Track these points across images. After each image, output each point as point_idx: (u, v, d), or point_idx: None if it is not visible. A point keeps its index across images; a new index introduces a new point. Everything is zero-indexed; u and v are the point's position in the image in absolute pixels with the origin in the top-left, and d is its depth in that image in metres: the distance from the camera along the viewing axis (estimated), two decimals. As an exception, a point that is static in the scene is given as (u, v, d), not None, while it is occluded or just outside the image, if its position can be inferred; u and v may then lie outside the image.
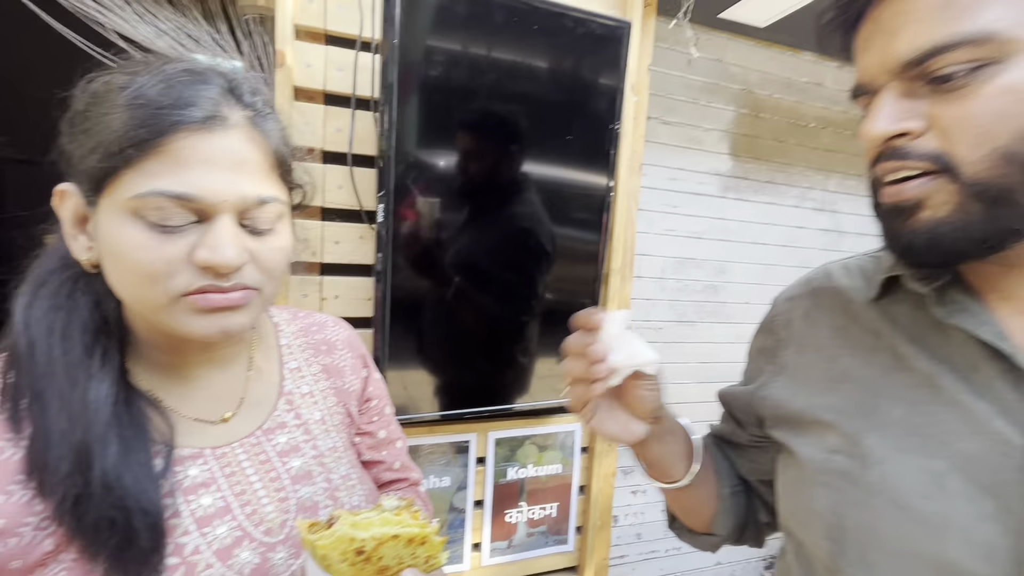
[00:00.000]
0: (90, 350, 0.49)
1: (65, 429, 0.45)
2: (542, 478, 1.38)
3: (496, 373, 1.22)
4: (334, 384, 0.69)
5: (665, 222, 1.95)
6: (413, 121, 1.05)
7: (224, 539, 0.51)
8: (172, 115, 0.44)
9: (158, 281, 0.45)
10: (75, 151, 0.47)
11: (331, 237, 1.13)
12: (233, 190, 0.46)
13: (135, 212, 0.44)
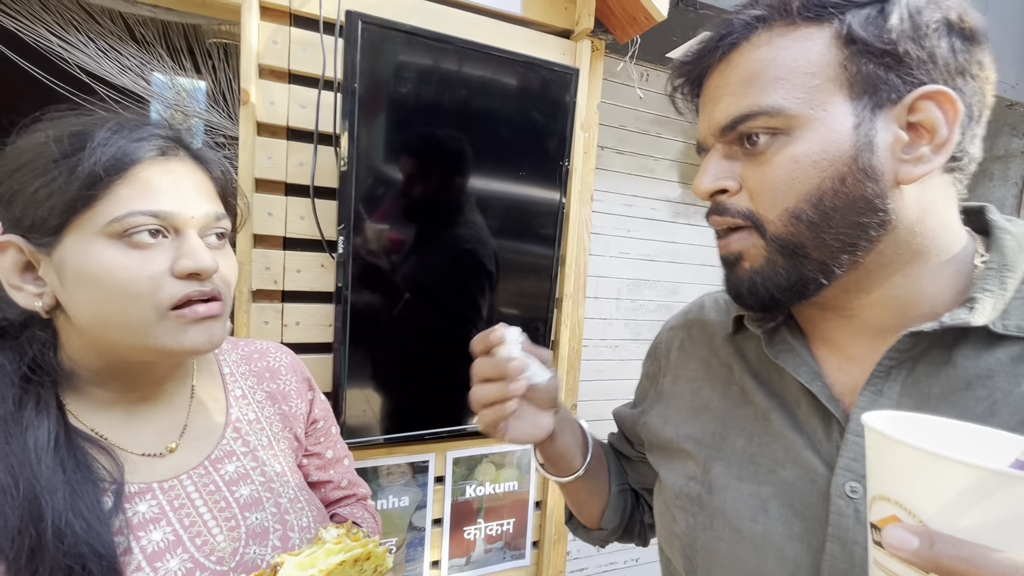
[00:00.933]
0: (20, 402, 0.50)
1: (8, 484, 0.45)
2: (499, 495, 1.43)
3: (451, 393, 1.28)
4: (280, 409, 0.71)
5: (620, 245, 2.05)
6: (372, 156, 1.10)
7: (176, 572, 0.52)
8: (137, 149, 0.50)
9: (143, 298, 0.49)
10: (23, 201, 0.48)
11: (293, 266, 1.17)
12: (198, 207, 0.52)
13: (113, 235, 0.48)
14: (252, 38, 1.07)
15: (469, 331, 1.26)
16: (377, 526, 0.84)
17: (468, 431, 1.31)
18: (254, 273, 1.13)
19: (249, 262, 1.12)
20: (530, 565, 1.49)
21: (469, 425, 1.30)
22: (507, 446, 1.43)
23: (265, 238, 1.15)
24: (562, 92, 1.26)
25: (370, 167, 1.10)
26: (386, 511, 1.29)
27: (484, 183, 1.22)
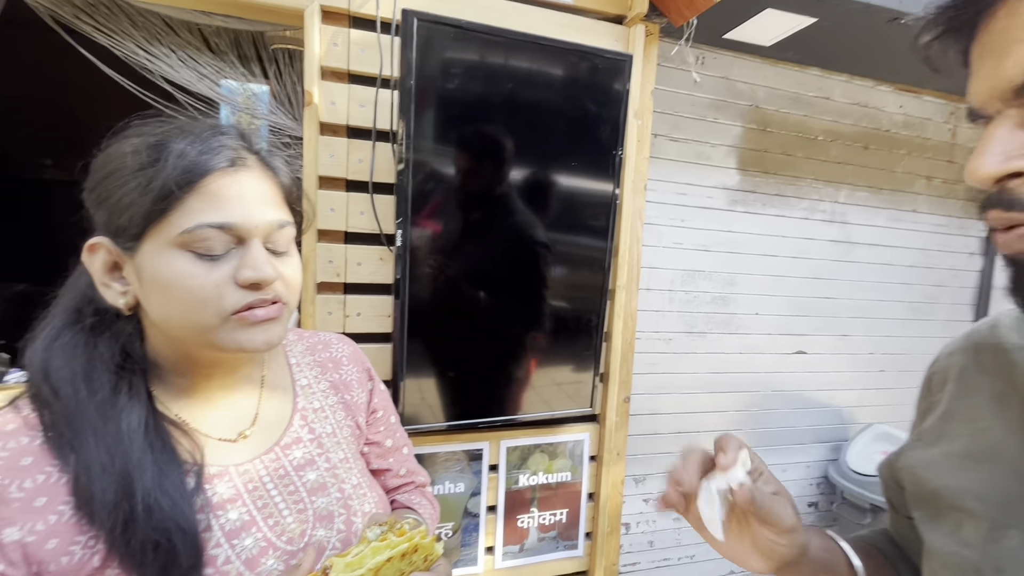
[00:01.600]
0: (116, 387, 0.54)
1: (105, 461, 0.50)
2: (552, 485, 1.44)
3: (506, 384, 1.30)
4: (342, 399, 0.73)
5: (673, 235, 2.00)
6: (429, 150, 1.13)
7: (251, 549, 0.56)
8: (207, 161, 0.52)
9: (209, 304, 0.52)
10: (110, 207, 0.53)
11: (353, 259, 1.22)
12: (262, 217, 0.54)
13: (183, 246, 0.51)
14: (314, 41, 1.12)
15: (524, 322, 1.28)
16: (435, 512, 0.86)
17: (520, 421, 1.33)
18: (318, 266, 1.19)
19: (314, 256, 1.18)
20: (583, 556, 1.49)
21: (521, 415, 1.32)
22: (559, 436, 1.44)
23: (328, 233, 1.20)
24: (616, 80, 1.24)
25: (426, 161, 1.13)
26: (442, 496, 1.33)
27: (539, 175, 1.22)
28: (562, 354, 1.33)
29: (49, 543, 0.48)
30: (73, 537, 0.49)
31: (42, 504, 0.49)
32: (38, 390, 0.52)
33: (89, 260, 0.54)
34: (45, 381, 0.52)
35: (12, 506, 0.48)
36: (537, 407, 1.33)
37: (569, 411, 1.37)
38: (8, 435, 0.51)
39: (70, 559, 0.49)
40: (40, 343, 0.55)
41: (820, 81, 2.04)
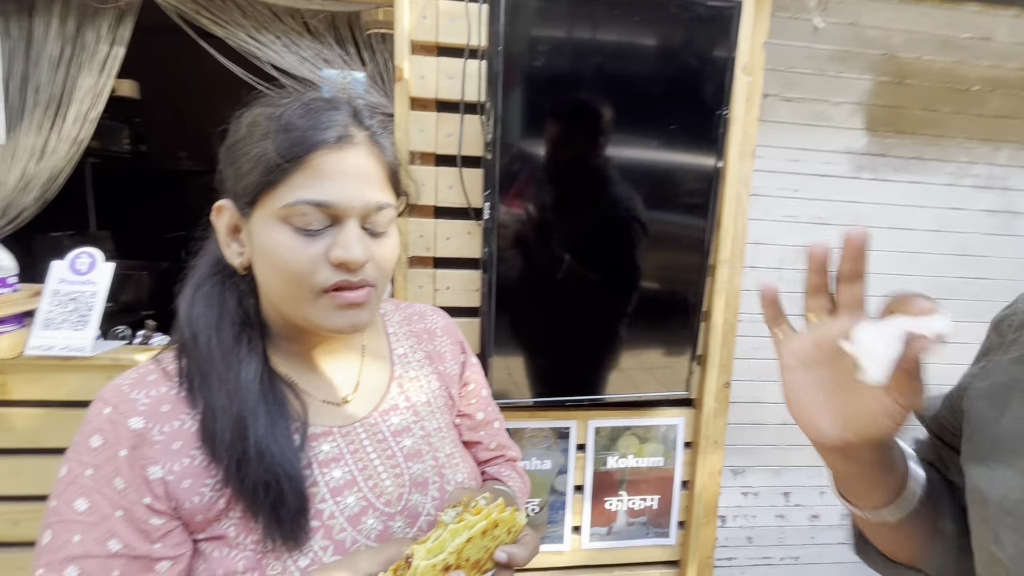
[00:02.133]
0: (238, 339, 0.57)
1: (226, 405, 0.53)
2: (642, 469, 1.38)
3: (595, 362, 1.25)
4: (436, 369, 0.74)
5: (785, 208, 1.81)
6: (517, 120, 1.10)
7: (353, 508, 0.58)
8: (314, 136, 0.52)
9: (303, 278, 0.53)
10: (234, 172, 0.55)
11: (443, 233, 1.23)
12: (360, 197, 0.54)
13: (284, 219, 0.52)
14: (404, 15, 1.12)
15: (616, 298, 1.22)
16: (525, 486, 0.85)
17: (610, 401, 1.28)
18: (410, 241, 1.22)
19: (406, 230, 1.21)
20: (675, 545, 1.42)
21: (611, 395, 1.26)
22: (651, 419, 1.37)
23: (419, 208, 1.22)
24: (721, 31, 1.11)
25: (515, 132, 1.10)
26: (528, 471, 1.33)
27: (633, 141, 1.14)
28: (655, 334, 1.25)
29: (184, 483, 0.53)
30: (203, 480, 0.53)
31: (178, 448, 0.53)
32: (182, 335, 0.57)
33: (216, 220, 0.58)
34: (188, 326, 0.57)
35: (155, 447, 0.53)
36: (627, 388, 1.27)
37: (662, 394, 1.29)
38: (150, 384, 0.56)
39: (200, 499, 0.53)
40: (188, 290, 0.60)
41: (979, 18, 1.71)
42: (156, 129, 2.84)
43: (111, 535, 0.51)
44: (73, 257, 1.15)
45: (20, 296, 1.11)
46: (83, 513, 0.51)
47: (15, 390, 1.13)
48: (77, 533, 0.50)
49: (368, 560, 0.50)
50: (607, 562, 1.40)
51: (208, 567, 0.53)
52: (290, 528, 0.53)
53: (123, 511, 0.51)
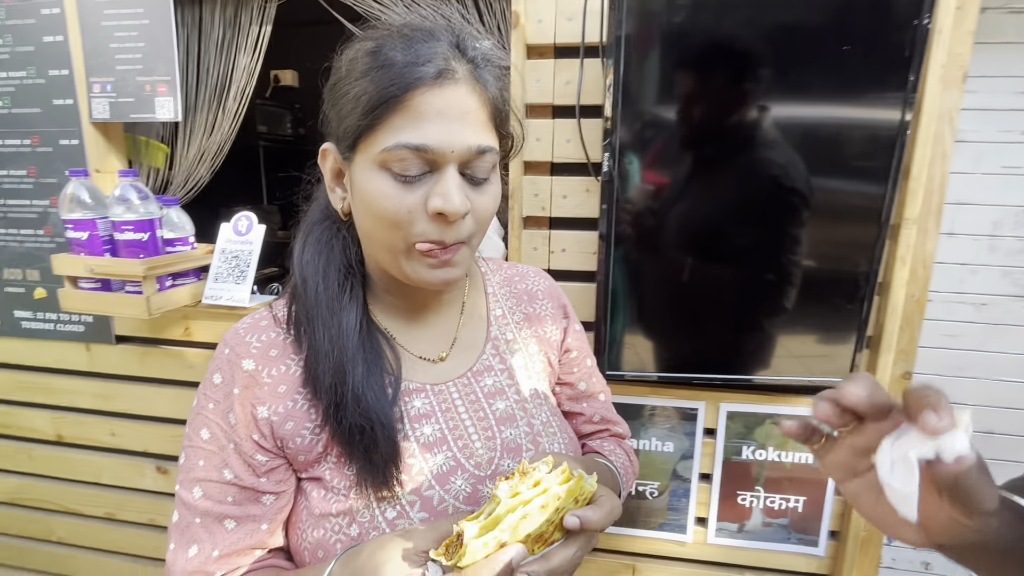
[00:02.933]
0: (342, 287, 0.58)
1: (328, 350, 0.54)
2: (786, 465, 1.19)
3: (733, 339, 1.08)
4: (535, 332, 0.70)
5: (1004, 157, 1.40)
6: (643, 62, 0.97)
7: (442, 466, 0.56)
8: (412, 73, 0.48)
9: (400, 227, 0.51)
10: (335, 114, 0.53)
11: (559, 192, 1.15)
12: (460, 140, 0.49)
13: (383, 164, 0.50)
14: (522, -45, 1.05)
15: (761, 265, 1.03)
16: (631, 466, 0.77)
17: (747, 383, 1.11)
18: (525, 200, 1.16)
19: (520, 189, 1.15)
20: (824, 558, 1.21)
21: (749, 376, 1.09)
22: (800, 408, 1.17)
23: (534, 165, 1.16)
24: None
25: (640, 76, 0.97)
26: (647, 453, 1.22)
27: (793, 74, 0.93)
28: (811, 308, 1.04)
29: (287, 424, 0.55)
30: (304, 423, 0.55)
31: (283, 391, 0.55)
32: (293, 280, 0.59)
33: (322, 164, 0.58)
34: (299, 271, 0.58)
35: (263, 389, 0.55)
36: (771, 369, 1.09)
37: (817, 379, 1.08)
38: (262, 329, 0.59)
39: (301, 440, 0.55)
40: (299, 236, 0.61)
41: None
42: (312, 113, 3.18)
43: (225, 464, 0.55)
44: (235, 220, 1.31)
45: (198, 253, 1.29)
46: (206, 442, 0.55)
47: (196, 333, 1.33)
48: (201, 459, 0.55)
49: (421, 536, 0.47)
50: (737, 562, 1.25)
51: (308, 505, 0.56)
52: (381, 475, 0.53)
53: (234, 444, 0.55)
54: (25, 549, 1.58)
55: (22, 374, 1.46)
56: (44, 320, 1.41)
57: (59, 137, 1.30)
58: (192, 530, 0.54)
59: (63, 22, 1.24)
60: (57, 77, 1.27)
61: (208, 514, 0.54)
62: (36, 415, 1.47)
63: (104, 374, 1.41)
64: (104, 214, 1.18)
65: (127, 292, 1.20)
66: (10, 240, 1.38)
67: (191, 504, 0.54)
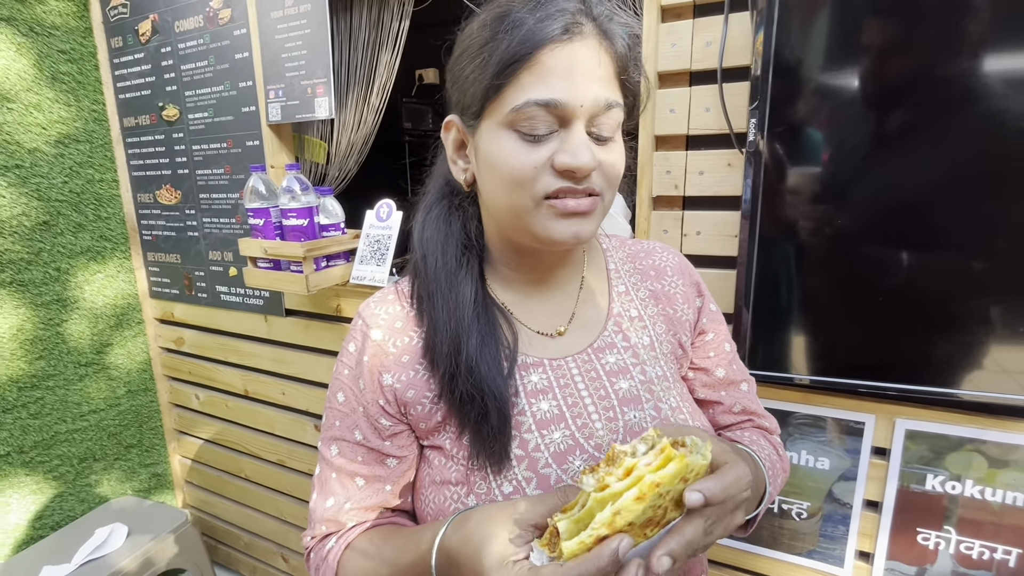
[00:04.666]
0: (460, 261, 0.59)
1: (445, 320, 0.56)
2: (993, 505, 0.94)
3: (920, 341, 0.88)
4: (664, 311, 0.65)
5: None
6: (805, 11, 0.81)
7: (559, 444, 0.55)
8: (542, 30, 0.47)
9: (525, 185, 0.50)
10: (460, 84, 0.54)
11: (695, 168, 1.04)
12: (589, 94, 0.48)
13: (510, 125, 0.49)
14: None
15: (970, 247, 0.81)
16: (782, 463, 0.68)
17: (936, 397, 0.89)
18: (655, 178, 1.07)
19: (650, 166, 1.06)
20: (1047, 630, 0.93)
21: (939, 388, 0.88)
22: (1014, 434, 0.91)
23: (666, 139, 1.05)
24: None
25: (804, 22, 0.82)
26: (795, 467, 1.06)
27: None
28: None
29: (408, 392, 0.57)
30: (424, 392, 0.57)
31: (406, 361, 0.58)
32: (414, 256, 0.61)
33: (444, 137, 0.59)
34: (420, 247, 0.60)
35: (389, 358, 0.58)
36: (970, 381, 0.86)
37: (1045, 399, 0.83)
38: (388, 303, 0.62)
39: (422, 408, 0.57)
40: (419, 214, 0.64)
41: None
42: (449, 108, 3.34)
43: (356, 426, 0.59)
44: (378, 207, 1.42)
45: (347, 237, 1.43)
46: (341, 404, 0.60)
47: (345, 309, 1.48)
48: (337, 419, 0.60)
49: (528, 507, 0.45)
50: (913, 613, 1.03)
51: (429, 472, 0.58)
52: (493, 447, 0.53)
53: (363, 408, 0.59)
54: (222, 480, 1.94)
55: (222, 338, 1.77)
56: (236, 294, 1.69)
57: (246, 139, 1.54)
58: (330, 484, 0.60)
59: (249, 40, 1.45)
60: (244, 88, 1.50)
61: (342, 470, 0.59)
62: (231, 372, 1.78)
63: (277, 341, 1.65)
64: (276, 203, 1.37)
65: (292, 271, 1.38)
66: (213, 228, 1.68)
67: (329, 460, 0.60)
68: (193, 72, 1.58)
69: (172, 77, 1.62)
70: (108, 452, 1.84)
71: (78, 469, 1.77)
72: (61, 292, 1.67)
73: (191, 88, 1.60)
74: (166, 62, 1.62)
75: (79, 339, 1.73)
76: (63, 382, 1.69)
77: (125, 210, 1.82)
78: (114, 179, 1.79)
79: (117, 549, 1.58)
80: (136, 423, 1.92)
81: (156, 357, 1.94)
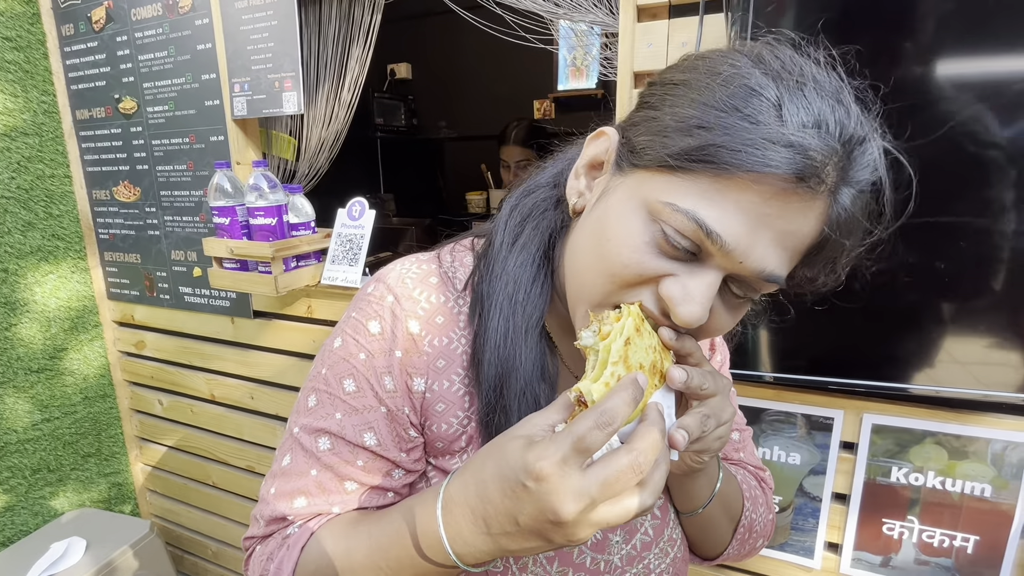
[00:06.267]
0: (536, 268, 0.49)
1: (501, 336, 0.47)
2: (953, 495, 0.97)
3: (879, 332, 0.90)
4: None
5: None
6: (779, 13, 0.82)
7: None
8: (770, 155, 0.35)
9: (615, 281, 0.41)
10: (646, 116, 0.42)
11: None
12: (757, 259, 0.38)
13: (656, 214, 0.39)
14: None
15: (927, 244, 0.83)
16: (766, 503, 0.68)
17: (902, 393, 0.92)
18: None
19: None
20: (1003, 612, 0.98)
21: (905, 384, 0.90)
22: (975, 428, 0.94)
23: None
24: None
25: (775, 25, 0.83)
26: (768, 462, 1.08)
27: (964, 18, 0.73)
28: (1001, 300, 0.83)
29: (438, 405, 0.49)
30: (456, 410, 0.49)
31: (442, 366, 0.49)
32: (490, 239, 0.52)
33: (589, 143, 0.48)
34: (499, 232, 0.51)
35: (423, 358, 0.48)
36: (935, 377, 0.89)
37: (1004, 394, 0.86)
38: (432, 288, 0.50)
39: (448, 428, 0.49)
40: (521, 187, 0.54)
41: None
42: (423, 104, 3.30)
43: (369, 427, 0.48)
44: (349, 205, 1.38)
45: (318, 237, 1.39)
46: (349, 394, 0.48)
47: (317, 310, 1.44)
48: (340, 411, 0.48)
49: (536, 421, 0.38)
50: (879, 601, 1.06)
51: None
52: None
53: (387, 410, 0.48)
54: (188, 488, 1.87)
55: (186, 341, 1.70)
56: (201, 295, 1.63)
57: (209, 134, 1.48)
58: (304, 481, 0.48)
59: (211, 31, 1.39)
60: (208, 81, 1.44)
61: (330, 470, 0.48)
62: (196, 376, 1.71)
63: (245, 344, 1.60)
64: (242, 202, 1.32)
65: (260, 272, 1.33)
66: (175, 226, 1.61)
67: (313, 453, 0.48)
68: (152, 63, 1.50)
69: (129, 68, 1.54)
70: (64, 462, 1.75)
71: (31, 481, 1.67)
72: (9, 295, 1.57)
73: (150, 80, 1.52)
74: (122, 51, 1.54)
75: (30, 344, 1.63)
76: (13, 390, 1.60)
77: (79, 207, 1.73)
78: (66, 175, 1.70)
79: (75, 564, 1.51)
80: (94, 431, 1.83)
81: (115, 361, 1.86)
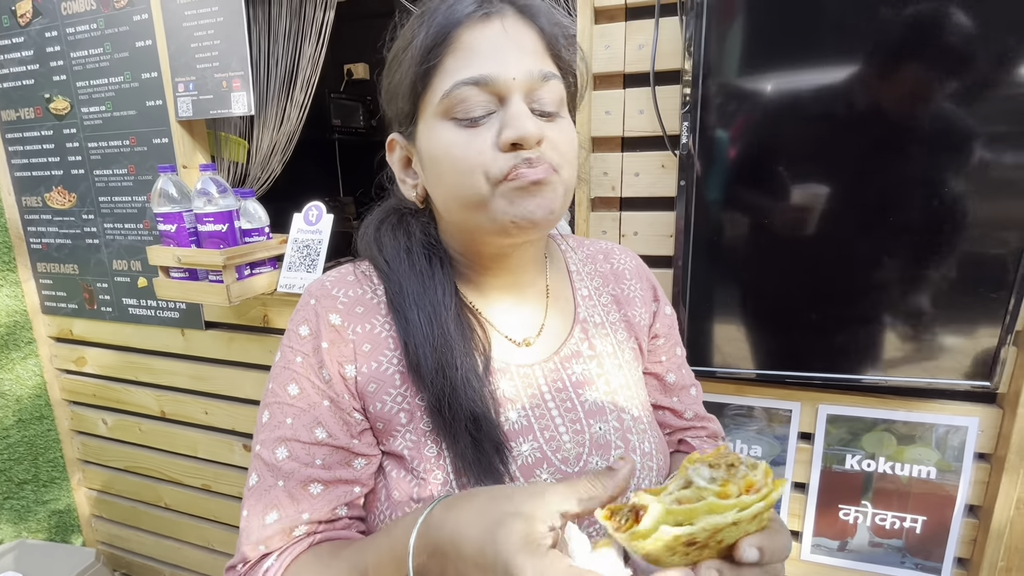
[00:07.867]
0: (430, 261, 0.55)
1: (427, 331, 0.51)
2: (901, 479, 1.02)
3: (831, 329, 0.94)
4: (624, 316, 0.64)
5: None
6: (733, 13, 0.84)
7: (527, 457, 0.52)
8: (453, 13, 0.47)
9: (475, 172, 0.47)
10: (392, 92, 0.52)
11: (631, 169, 1.05)
12: (521, 67, 0.47)
13: (445, 114, 0.47)
14: (589, -93, 0.95)
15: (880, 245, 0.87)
16: None
17: (854, 384, 0.96)
18: (593, 179, 1.07)
19: (588, 167, 1.07)
20: (949, 587, 1.04)
21: (857, 376, 0.94)
22: (921, 414, 1.00)
23: (603, 140, 1.06)
24: None
25: (730, 27, 0.84)
26: (732, 456, 1.11)
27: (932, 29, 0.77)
28: (941, 296, 0.87)
29: (369, 386, 0.52)
30: (387, 388, 0.52)
31: (367, 350, 0.52)
32: (376, 261, 0.57)
33: (390, 158, 0.57)
34: (380, 254, 0.56)
35: (348, 346, 0.52)
36: (885, 368, 0.93)
37: (945, 381, 0.91)
38: (348, 284, 0.56)
39: (382, 406, 0.52)
40: (370, 228, 0.60)
41: None
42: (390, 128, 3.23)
43: (317, 422, 0.51)
44: (306, 210, 1.33)
45: (273, 243, 1.34)
46: (294, 398, 0.52)
47: (274, 320, 1.38)
48: (289, 416, 0.51)
49: (559, 497, 0.37)
50: (837, 583, 1.10)
51: (387, 485, 0.52)
52: (489, 462, 0.49)
53: (330, 401, 0.51)
54: (138, 511, 1.76)
55: (132, 355, 1.61)
56: (147, 307, 1.54)
57: (152, 136, 1.39)
58: (273, 493, 0.50)
59: (151, 27, 1.31)
60: (149, 80, 1.36)
61: (293, 477, 0.50)
62: (144, 393, 1.62)
63: (197, 357, 1.52)
64: (189, 207, 1.25)
65: (211, 281, 1.27)
66: (117, 234, 1.51)
67: (274, 465, 0.51)
68: (86, 60, 1.41)
69: (60, 65, 1.44)
70: (-5, 491, 1.62)
71: (-43, 513, 1.54)
72: (-73, 311, 1.44)
73: (84, 78, 1.42)
74: (52, 48, 1.43)
75: (-47, 365, 1.50)
76: (-67, 415, 1.47)
77: (7, 216, 1.61)
78: (-9, 180, 1.57)
79: (10, 601, 1.39)
80: (30, 456, 1.70)
81: (52, 380, 1.73)
